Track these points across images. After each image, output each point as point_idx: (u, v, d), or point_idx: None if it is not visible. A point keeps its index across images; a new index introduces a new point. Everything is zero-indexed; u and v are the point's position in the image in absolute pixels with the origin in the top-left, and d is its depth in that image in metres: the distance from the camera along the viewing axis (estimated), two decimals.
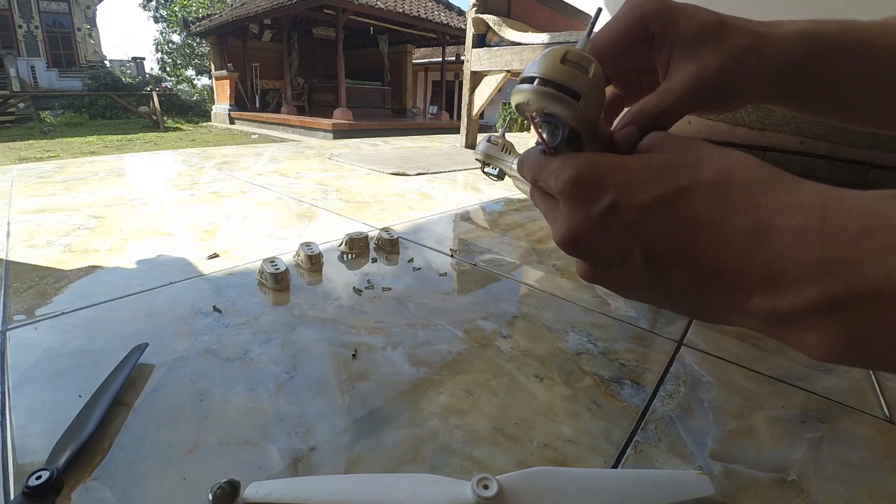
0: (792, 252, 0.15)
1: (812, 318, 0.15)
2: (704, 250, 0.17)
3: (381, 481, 0.33)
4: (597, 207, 0.19)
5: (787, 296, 0.15)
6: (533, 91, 0.20)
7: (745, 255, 0.16)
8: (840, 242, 0.14)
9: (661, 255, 0.18)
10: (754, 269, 0.16)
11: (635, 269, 0.19)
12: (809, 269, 0.15)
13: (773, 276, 0.16)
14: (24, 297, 0.60)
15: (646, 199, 0.18)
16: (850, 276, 0.14)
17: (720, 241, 0.17)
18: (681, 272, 0.18)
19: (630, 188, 0.18)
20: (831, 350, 0.16)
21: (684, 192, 0.17)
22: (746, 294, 0.17)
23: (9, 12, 14.00)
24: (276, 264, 0.66)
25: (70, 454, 0.34)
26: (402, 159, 1.88)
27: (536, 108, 0.20)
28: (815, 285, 0.15)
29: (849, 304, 0.14)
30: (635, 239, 0.18)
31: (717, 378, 0.50)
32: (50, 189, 1.20)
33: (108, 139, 7.44)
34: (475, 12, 2.06)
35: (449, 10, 10.26)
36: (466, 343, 0.54)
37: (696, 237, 0.17)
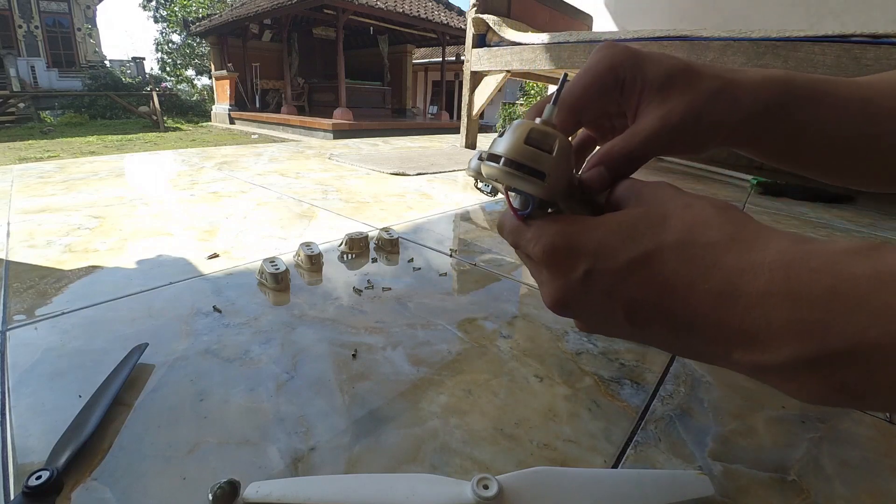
0: (761, 314, 0.16)
1: (793, 372, 0.16)
2: (679, 310, 0.18)
3: (381, 481, 0.33)
4: (574, 275, 0.20)
5: (765, 353, 0.16)
6: (500, 171, 0.21)
7: (717, 315, 0.17)
8: (808, 304, 0.15)
9: (641, 314, 0.19)
10: (729, 328, 0.17)
11: (619, 325, 0.20)
12: (780, 331, 0.15)
13: (748, 336, 0.16)
14: (24, 297, 0.60)
15: (617, 265, 0.19)
16: (823, 337, 0.14)
17: (692, 302, 0.17)
18: (662, 328, 0.19)
19: (602, 255, 0.19)
20: (819, 396, 0.16)
21: (651, 256, 0.18)
22: (727, 348, 0.17)
23: (9, 12, 14.00)
24: (276, 264, 0.66)
25: (70, 454, 0.34)
26: (402, 159, 1.88)
27: (504, 184, 0.22)
28: (789, 346, 0.15)
29: (826, 361, 0.15)
30: (614, 301, 0.19)
31: (717, 378, 0.50)
32: (50, 189, 1.20)
33: (108, 139, 7.44)
34: (475, 12, 2.06)
35: (449, 10, 10.26)
36: (466, 343, 0.54)
37: (670, 298, 0.18)
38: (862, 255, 0.15)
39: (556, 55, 1.77)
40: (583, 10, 2.85)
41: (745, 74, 0.24)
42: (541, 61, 1.83)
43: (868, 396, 0.15)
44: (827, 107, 0.24)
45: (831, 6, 2.11)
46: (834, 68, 1.17)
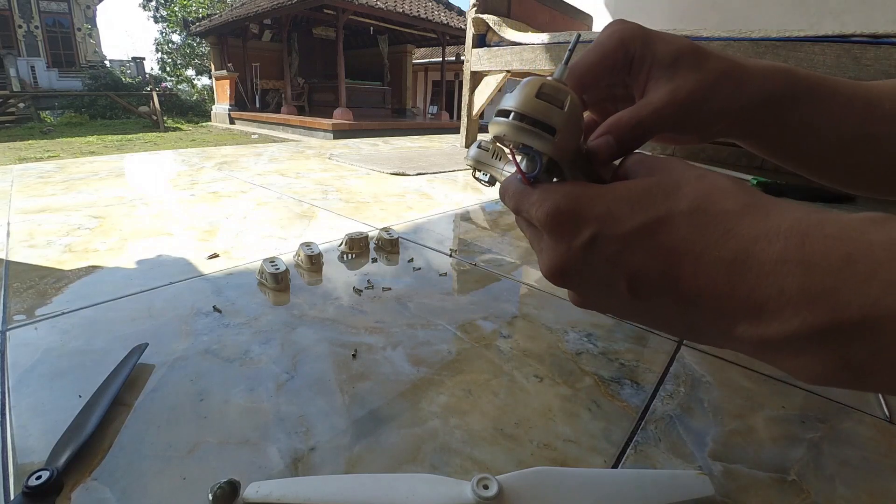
0: (773, 281, 0.15)
1: (800, 345, 0.15)
2: (686, 280, 0.17)
3: (381, 481, 0.33)
4: (578, 240, 0.19)
5: (773, 324, 0.15)
6: (508, 125, 0.20)
7: (726, 284, 0.16)
8: (822, 270, 0.14)
9: (645, 285, 0.18)
10: (737, 298, 0.16)
11: (620, 298, 0.20)
12: (792, 299, 0.15)
13: (757, 305, 0.16)
14: (24, 297, 0.60)
15: (625, 231, 0.18)
16: (835, 305, 0.14)
17: (701, 270, 0.17)
18: (665, 301, 0.18)
19: (609, 220, 0.18)
20: (822, 374, 0.16)
21: (662, 222, 0.17)
22: (732, 321, 0.17)
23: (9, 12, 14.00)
24: (276, 264, 0.66)
25: (70, 454, 0.34)
26: (402, 159, 1.88)
27: (513, 141, 0.20)
28: (800, 314, 0.15)
29: (836, 331, 0.14)
30: (618, 270, 0.19)
31: (717, 378, 0.50)
32: (50, 189, 1.20)
33: (108, 139, 7.44)
34: (475, 12, 2.06)
35: (449, 10, 10.26)
36: (466, 343, 0.54)
37: (677, 267, 0.17)
38: (878, 224, 0.15)
39: (556, 55, 1.77)
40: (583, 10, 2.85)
41: (751, 62, 0.24)
42: (541, 61, 1.83)
43: (873, 375, 0.15)
44: (830, 103, 0.23)
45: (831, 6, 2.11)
46: (834, 68, 1.17)
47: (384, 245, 0.82)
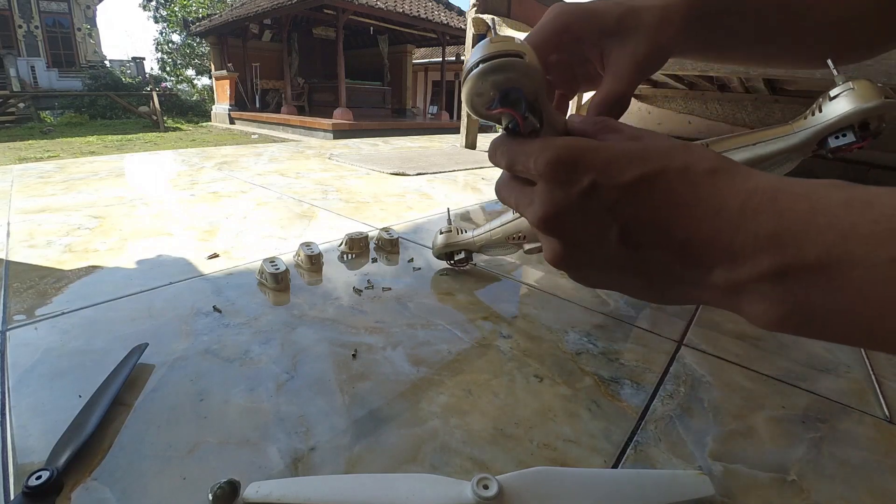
0: (750, 228, 0.17)
1: (764, 287, 0.17)
2: (677, 228, 0.19)
3: (381, 481, 0.33)
4: (577, 187, 0.20)
5: (745, 266, 0.18)
6: (479, 70, 0.21)
7: (712, 231, 0.18)
8: (789, 220, 0.17)
9: (637, 234, 0.20)
10: (720, 243, 0.18)
11: (609, 250, 0.21)
12: (764, 242, 0.17)
13: (734, 250, 0.18)
14: (24, 297, 0.60)
15: (625, 181, 0.19)
16: (797, 249, 0.16)
17: (692, 220, 0.19)
18: (653, 250, 0.20)
19: (610, 170, 0.19)
20: (778, 317, 0.17)
21: (659, 176, 0.19)
22: (710, 268, 0.19)
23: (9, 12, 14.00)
24: (276, 264, 0.66)
25: (70, 454, 0.34)
26: (402, 159, 1.88)
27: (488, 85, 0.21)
28: (768, 256, 0.17)
29: (795, 272, 0.16)
30: (613, 218, 0.20)
31: (717, 378, 0.50)
32: (50, 189, 1.20)
33: (108, 139, 7.44)
34: (475, 12, 2.06)
35: (449, 10, 10.26)
36: (466, 343, 0.54)
37: (670, 216, 0.19)
38: (838, 187, 0.17)
39: None
40: None
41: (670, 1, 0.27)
42: None
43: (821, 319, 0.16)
44: None
45: None
46: None
47: (384, 245, 0.82)
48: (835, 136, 0.48)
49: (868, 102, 0.45)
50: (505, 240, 0.64)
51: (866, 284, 0.15)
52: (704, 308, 0.66)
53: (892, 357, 0.55)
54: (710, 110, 1.66)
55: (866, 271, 0.15)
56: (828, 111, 0.48)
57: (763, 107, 1.70)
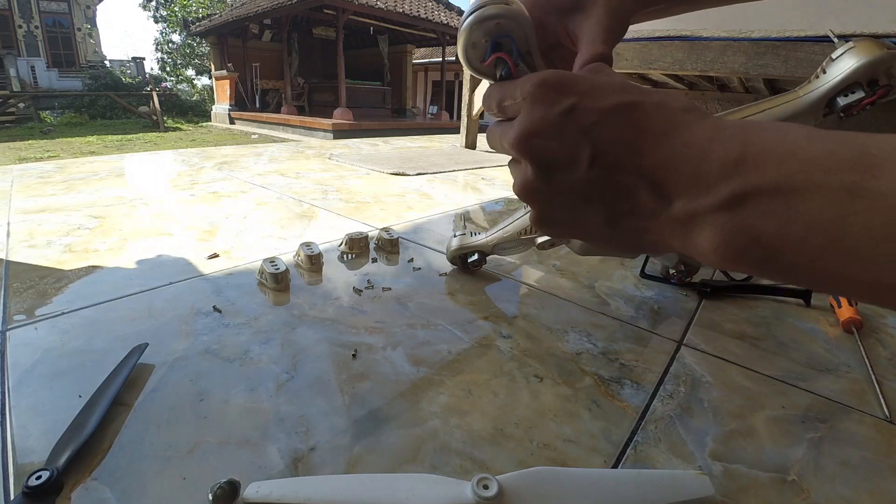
0: (717, 157, 0.18)
1: (720, 217, 0.18)
2: (647, 155, 0.19)
3: (381, 481, 0.33)
4: (557, 108, 0.21)
5: (706, 196, 0.18)
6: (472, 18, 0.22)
7: (679, 159, 0.19)
8: (754, 149, 0.17)
9: (609, 157, 0.20)
10: (684, 171, 0.19)
11: (578, 173, 0.21)
12: (727, 169, 0.17)
13: (698, 178, 0.18)
14: (24, 297, 0.60)
15: (604, 105, 0.20)
16: (758, 173, 0.17)
17: (662, 148, 0.19)
18: (621, 174, 0.20)
19: (591, 95, 0.21)
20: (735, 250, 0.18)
21: (636, 106, 0.20)
22: (672, 199, 0.19)
23: (9, 12, 13.99)
24: (276, 264, 0.66)
25: (70, 454, 0.34)
26: (402, 159, 1.88)
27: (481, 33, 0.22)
28: (729, 184, 0.17)
29: (753, 197, 0.17)
30: (588, 140, 0.20)
31: (717, 378, 0.50)
32: (50, 189, 1.20)
33: (108, 139, 7.44)
34: None
35: (449, 10, 10.26)
36: (466, 343, 0.54)
37: (643, 143, 0.20)
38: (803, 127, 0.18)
39: None
40: None
41: None
42: None
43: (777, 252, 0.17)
44: None
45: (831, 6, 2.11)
46: None
47: (384, 245, 0.82)
48: (843, 95, 0.48)
49: (871, 56, 0.45)
50: (517, 236, 0.64)
51: (819, 211, 0.15)
52: (704, 308, 0.66)
53: (892, 357, 0.55)
54: (709, 110, 1.66)
55: (822, 200, 0.15)
56: (832, 71, 0.49)
57: None
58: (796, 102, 0.51)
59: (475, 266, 0.73)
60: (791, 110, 0.51)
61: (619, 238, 0.22)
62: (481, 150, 2.35)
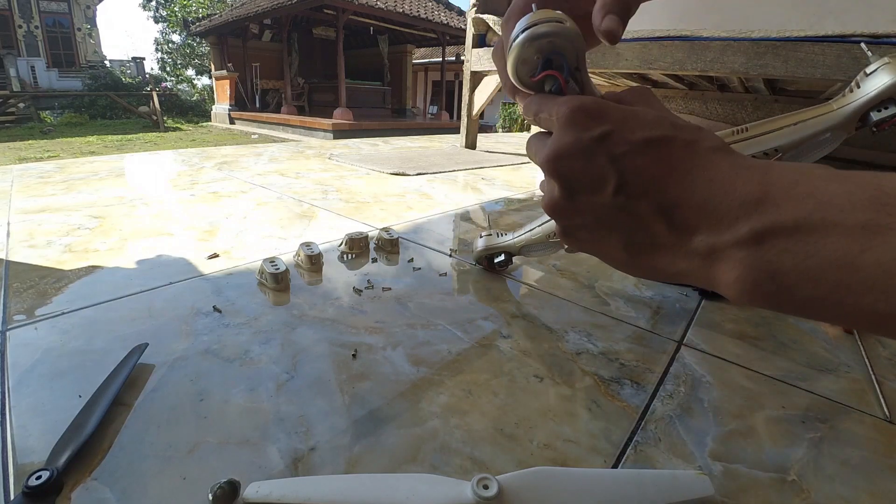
0: (738, 195, 0.19)
1: (740, 253, 0.18)
2: (671, 189, 0.20)
3: (381, 481, 0.33)
4: (590, 133, 0.21)
5: (726, 231, 0.19)
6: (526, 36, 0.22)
7: (702, 196, 0.20)
8: (775, 189, 0.18)
9: (633, 187, 0.21)
10: (707, 208, 0.19)
11: (603, 198, 0.22)
12: (747, 207, 0.18)
13: (719, 214, 0.19)
14: (24, 297, 0.60)
15: (636, 138, 0.21)
16: (777, 212, 0.17)
17: (686, 183, 0.20)
18: (644, 204, 0.21)
19: (625, 125, 0.21)
20: (751, 283, 0.18)
21: (668, 141, 0.21)
22: (693, 232, 0.20)
23: (9, 12, 13.99)
24: (276, 264, 0.66)
25: (70, 454, 0.34)
26: (402, 159, 1.88)
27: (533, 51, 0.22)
28: (749, 221, 0.18)
29: (772, 236, 0.17)
30: (615, 168, 0.21)
31: (717, 378, 0.50)
32: (50, 189, 1.20)
33: (108, 139, 7.44)
34: (475, 12, 2.06)
35: (449, 10, 10.26)
36: (466, 343, 0.54)
37: (669, 177, 0.20)
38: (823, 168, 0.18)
39: None
40: None
41: None
42: None
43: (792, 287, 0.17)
44: None
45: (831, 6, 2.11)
46: (834, 68, 1.17)
47: (384, 245, 0.82)
48: (877, 110, 0.49)
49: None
50: (545, 238, 0.64)
51: (837, 250, 0.16)
52: (704, 308, 0.66)
53: (892, 357, 0.55)
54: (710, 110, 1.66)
55: (838, 238, 0.16)
56: (867, 86, 0.50)
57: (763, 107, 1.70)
58: (831, 115, 0.52)
59: (501, 266, 0.73)
60: (825, 123, 0.52)
61: (637, 265, 0.23)
62: (481, 150, 2.35)
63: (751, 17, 2.35)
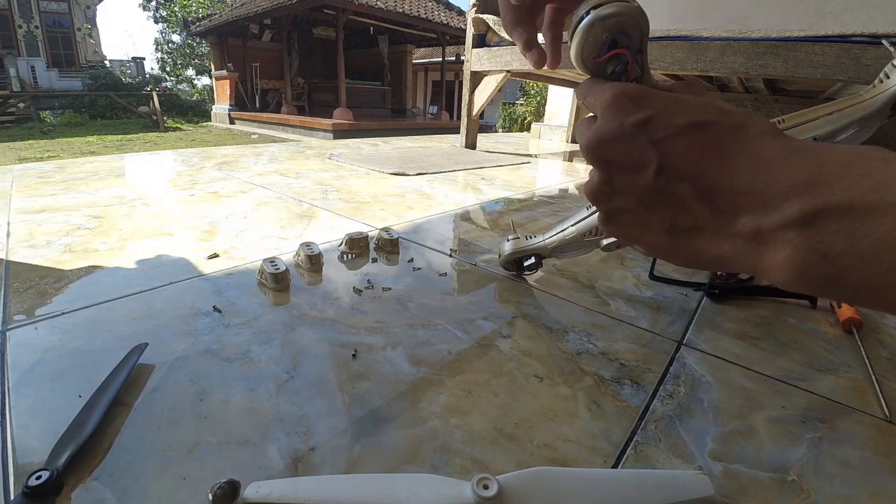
0: (786, 177, 0.18)
1: (789, 234, 0.18)
2: (713, 173, 0.20)
3: (381, 481, 0.33)
4: (632, 119, 0.21)
5: (775, 212, 0.18)
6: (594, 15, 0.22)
7: (748, 179, 0.19)
8: (828, 169, 0.17)
9: (674, 168, 0.21)
10: (752, 191, 0.19)
11: (643, 180, 0.22)
12: (797, 188, 0.18)
13: (766, 196, 0.18)
14: (24, 297, 0.60)
15: (679, 123, 0.21)
16: (830, 192, 0.17)
17: (731, 166, 0.20)
18: (685, 186, 0.21)
19: (669, 110, 0.21)
20: (799, 265, 0.18)
21: (712, 125, 0.20)
22: (737, 214, 0.19)
23: (9, 12, 13.99)
24: (276, 264, 0.66)
25: (70, 454, 0.34)
26: (402, 159, 1.88)
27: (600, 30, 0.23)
28: (799, 201, 0.17)
29: (824, 216, 0.17)
30: (656, 152, 0.21)
31: (717, 378, 0.50)
32: (50, 189, 1.20)
33: (108, 139, 7.43)
34: (475, 12, 2.06)
35: (449, 10, 10.26)
36: (466, 343, 0.54)
37: (711, 160, 0.20)
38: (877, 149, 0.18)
39: None
40: None
41: None
42: None
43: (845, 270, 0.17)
44: None
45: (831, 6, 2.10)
46: (834, 68, 1.17)
47: (384, 245, 0.82)
48: None
49: None
50: (581, 237, 0.62)
51: (891, 228, 0.15)
52: (704, 308, 0.66)
53: (892, 357, 0.55)
54: None
55: (894, 217, 0.15)
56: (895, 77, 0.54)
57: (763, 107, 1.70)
58: (864, 105, 0.54)
59: (531, 270, 0.71)
60: (859, 112, 0.55)
61: (678, 250, 0.23)
62: (481, 150, 2.35)
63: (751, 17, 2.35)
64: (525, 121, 7.82)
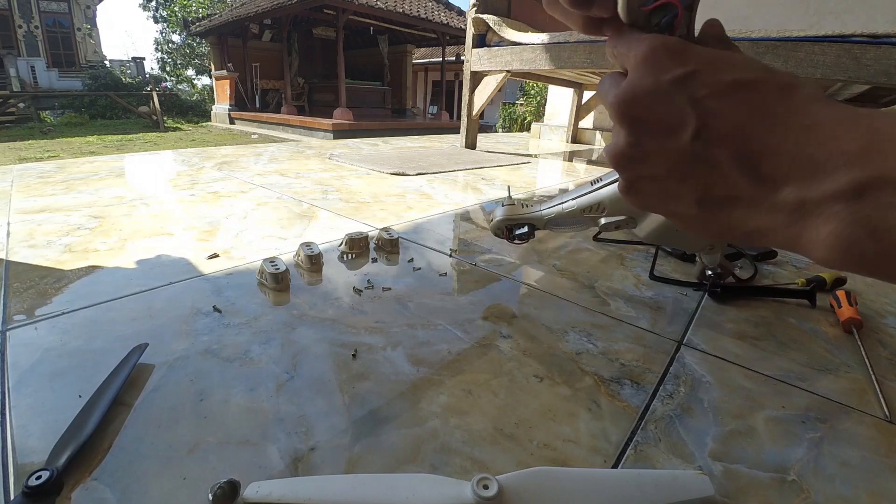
0: (838, 145, 0.16)
1: (837, 206, 0.16)
2: (760, 134, 0.18)
3: (381, 481, 0.33)
4: (670, 74, 0.19)
5: (823, 183, 0.17)
6: None
7: (795, 144, 0.17)
8: (882, 138, 0.16)
9: (715, 131, 0.19)
10: (800, 157, 0.17)
11: (678, 144, 0.20)
12: (849, 157, 0.16)
13: (814, 164, 0.17)
14: (24, 297, 0.60)
15: (722, 79, 0.19)
16: (883, 164, 0.15)
17: (777, 130, 0.18)
18: (725, 151, 0.19)
19: (712, 66, 0.19)
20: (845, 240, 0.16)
21: (759, 84, 0.18)
22: (779, 184, 0.18)
23: (9, 12, 13.99)
24: (276, 264, 0.66)
25: (70, 454, 0.34)
26: (402, 159, 1.88)
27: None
28: (850, 172, 0.16)
29: (875, 188, 0.15)
30: (695, 111, 0.19)
31: (717, 378, 0.50)
32: (50, 189, 1.20)
33: (108, 139, 7.43)
34: (475, 12, 2.06)
35: (449, 10, 10.26)
36: (466, 343, 0.54)
37: (757, 122, 0.18)
38: None
39: (556, 55, 1.77)
40: None
41: None
42: (541, 61, 1.83)
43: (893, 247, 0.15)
44: None
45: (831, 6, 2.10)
46: (834, 68, 1.17)
47: (384, 245, 0.82)
48: None
49: None
50: (580, 213, 0.60)
51: None
52: (704, 308, 0.66)
53: (892, 357, 0.55)
54: None
55: None
56: None
57: None
58: None
59: (522, 240, 0.68)
60: None
61: (710, 221, 0.21)
62: (481, 150, 2.35)
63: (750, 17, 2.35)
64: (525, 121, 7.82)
